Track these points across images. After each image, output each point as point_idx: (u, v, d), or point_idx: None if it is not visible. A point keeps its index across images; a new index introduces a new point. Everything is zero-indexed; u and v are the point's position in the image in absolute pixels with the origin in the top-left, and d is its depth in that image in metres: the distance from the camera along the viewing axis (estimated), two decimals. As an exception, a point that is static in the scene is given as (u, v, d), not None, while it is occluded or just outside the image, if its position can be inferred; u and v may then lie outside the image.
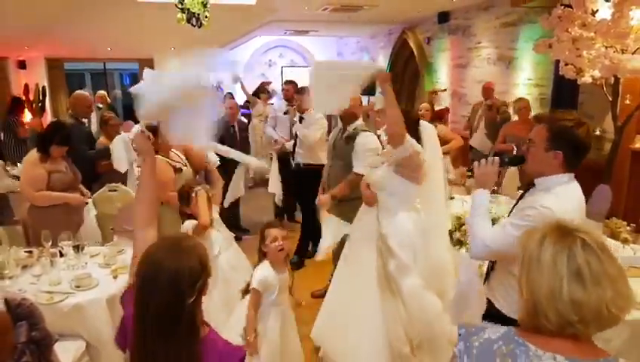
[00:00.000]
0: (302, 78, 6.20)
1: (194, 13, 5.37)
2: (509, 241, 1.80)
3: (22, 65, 9.60)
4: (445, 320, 2.90)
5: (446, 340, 2.89)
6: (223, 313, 2.87)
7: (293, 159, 5.08)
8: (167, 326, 1.31)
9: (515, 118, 5.77)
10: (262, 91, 8.13)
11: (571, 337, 1.03)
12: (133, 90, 1.81)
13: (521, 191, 2.15)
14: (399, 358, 2.85)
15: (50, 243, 2.86)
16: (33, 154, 3.38)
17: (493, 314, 2.06)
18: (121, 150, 4.20)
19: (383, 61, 11.36)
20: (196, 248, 1.41)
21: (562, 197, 1.84)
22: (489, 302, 2.13)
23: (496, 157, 2.02)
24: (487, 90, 6.44)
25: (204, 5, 5.39)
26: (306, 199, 4.51)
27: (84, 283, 2.66)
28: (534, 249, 1.07)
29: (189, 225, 3.07)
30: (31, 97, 9.25)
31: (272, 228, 2.58)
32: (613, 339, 2.17)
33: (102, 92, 7.24)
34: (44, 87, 9.35)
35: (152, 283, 1.32)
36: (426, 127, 2.90)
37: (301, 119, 4.92)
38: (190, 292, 1.33)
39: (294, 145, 5.03)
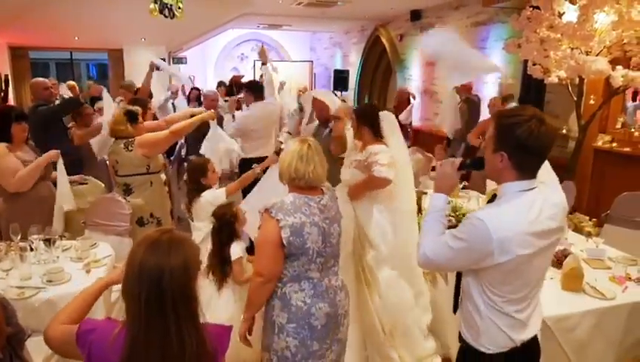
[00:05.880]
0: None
1: (167, 3, 5.27)
2: (444, 253, 1.59)
3: (-18, 52, 9.22)
4: (417, 309, 3.02)
5: (417, 328, 3.00)
6: None
7: None
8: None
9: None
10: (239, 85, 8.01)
11: (308, 187, 2.01)
12: None
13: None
14: (371, 345, 2.93)
15: (19, 237, 2.78)
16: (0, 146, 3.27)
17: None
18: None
19: (355, 57, 11.43)
20: (184, 246, 1.39)
21: (503, 208, 1.55)
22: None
23: (457, 159, 1.75)
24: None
25: (178, -4, 5.30)
26: None
27: (56, 278, 2.59)
28: (293, 144, 2.06)
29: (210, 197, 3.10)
30: (-8, 86, 8.88)
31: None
32: (577, 328, 2.26)
33: (71, 82, 7.00)
34: (6, 76, 9.00)
35: (135, 278, 1.33)
36: (387, 117, 2.97)
37: None
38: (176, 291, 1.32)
39: None
